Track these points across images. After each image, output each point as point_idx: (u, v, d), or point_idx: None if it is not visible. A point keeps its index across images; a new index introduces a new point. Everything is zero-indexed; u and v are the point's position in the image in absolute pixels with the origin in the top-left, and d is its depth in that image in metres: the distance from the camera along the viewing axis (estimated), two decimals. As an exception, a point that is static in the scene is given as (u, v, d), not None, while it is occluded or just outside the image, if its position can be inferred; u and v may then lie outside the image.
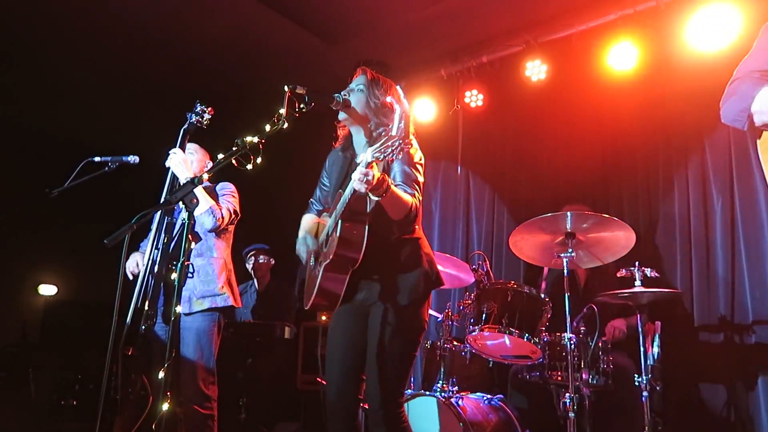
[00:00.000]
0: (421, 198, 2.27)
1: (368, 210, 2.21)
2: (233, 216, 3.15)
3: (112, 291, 2.28)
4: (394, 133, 1.90)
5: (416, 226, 2.37)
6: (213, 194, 3.15)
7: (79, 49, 5.01)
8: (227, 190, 3.22)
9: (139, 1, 4.45)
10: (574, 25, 4.36)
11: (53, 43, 4.93)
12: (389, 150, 1.91)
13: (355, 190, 2.04)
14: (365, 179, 1.96)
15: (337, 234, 2.15)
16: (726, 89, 1.83)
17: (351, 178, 2.33)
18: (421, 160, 2.34)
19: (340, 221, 2.16)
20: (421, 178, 2.32)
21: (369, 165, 1.96)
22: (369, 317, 2.28)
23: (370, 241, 2.18)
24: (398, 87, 2.00)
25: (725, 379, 3.63)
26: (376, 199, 2.07)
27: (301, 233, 2.52)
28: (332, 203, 2.41)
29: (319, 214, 2.61)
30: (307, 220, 2.58)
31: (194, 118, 3.07)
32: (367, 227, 2.19)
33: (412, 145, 2.33)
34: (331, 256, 2.18)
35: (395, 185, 2.14)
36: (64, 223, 6.03)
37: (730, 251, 3.74)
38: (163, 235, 2.93)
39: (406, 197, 2.18)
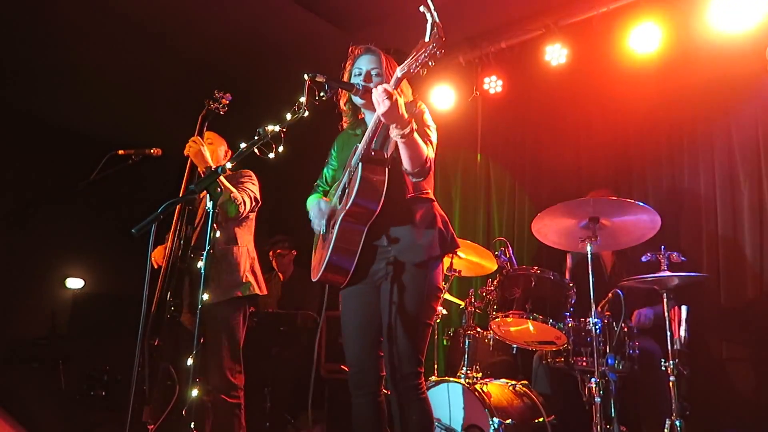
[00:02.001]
0: (433, 156, 2.23)
1: (387, 155, 2.19)
2: (254, 203, 3.14)
3: (139, 282, 2.31)
4: (427, 39, 1.87)
5: (429, 189, 2.34)
6: (233, 181, 3.14)
7: (99, 42, 5.05)
8: (247, 177, 3.21)
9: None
10: (594, 7, 4.28)
11: (74, 37, 4.99)
12: (424, 57, 1.89)
13: (379, 120, 2.04)
14: (386, 95, 1.96)
15: (358, 179, 2.11)
16: None
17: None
18: (432, 124, 2.31)
19: (360, 165, 2.13)
20: (434, 137, 2.29)
21: (399, 81, 1.99)
22: (382, 286, 2.25)
23: (386, 198, 2.15)
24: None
25: (754, 362, 3.58)
26: (399, 134, 2.04)
27: (311, 203, 2.50)
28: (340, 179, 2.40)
29: (325, 194, 2.59)
30: (313, 199, 2.56)
31: (213, 105, 3.07)
32: (387, 173, 2.16)
33: (423, 110, 2.32)
34: (349, 206, 2.14)
35: None
36: (89, 216, 6.13)
37: (758, 233, 3.67)
38: (184, 224, 2.96)
39: (423, 146, 2.15)
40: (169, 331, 2.89)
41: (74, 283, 6.37)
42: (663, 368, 2.91)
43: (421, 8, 1.90)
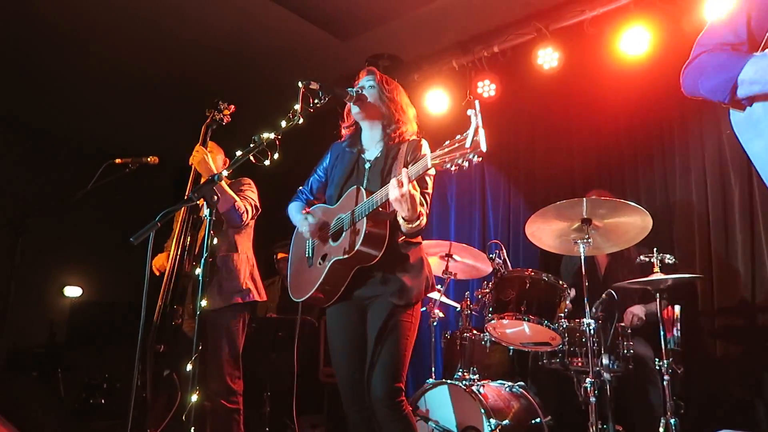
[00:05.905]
0: (425, 222, 2.29)
1: (390, 210, 2.25)
2: (255, 211, 3.18)
3: (136, 290, 2.33)
4: (468, 144, 1.85)
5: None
6: (234, 190, 3.16)
7: (95, 52, 5.08)
8: (246, 185, 3.25)
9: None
10: (585, 11, 4.33)
11: (69, 46, 5.01)
12: (459, 159, 1.88)
13: (388, 198, 2.10)
14: (401, 193, 2.02)
15: (363, 232, 2.19)
16: (692, 62, 1.70)
17: (360, 175, 2.37)
18: (431, 188, 2.38)
19: (365, 219, 2.20)
20: (430, 189, 2.37)
21: (425, 170, 2.02)
22: (368, 312, 2.36)
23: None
24: (476, 103, 1.93)
25: (747, 361, 3.61)
26: (406, 226, 2.15)
27: (298, 216, 2.55)
28: (335, 196, 2.46)
29: (308, 203, 2.64)
30: (297, 209, 2.61)
31: (216, 115, 3.10)
32: (389, 227, 2.25)
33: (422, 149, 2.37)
34: (350, 252, 2.22)
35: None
36: (87, 225, 6.15)
37: (749, 234, 3.70)
38: (188, 232, 2.99)
39: (421, 211, 2.22)
40: (173, 338, 2.92)
41: (72, 291, 6.38)
42: (657, 367, 2.95)
43: (469, 111, 1.91)
